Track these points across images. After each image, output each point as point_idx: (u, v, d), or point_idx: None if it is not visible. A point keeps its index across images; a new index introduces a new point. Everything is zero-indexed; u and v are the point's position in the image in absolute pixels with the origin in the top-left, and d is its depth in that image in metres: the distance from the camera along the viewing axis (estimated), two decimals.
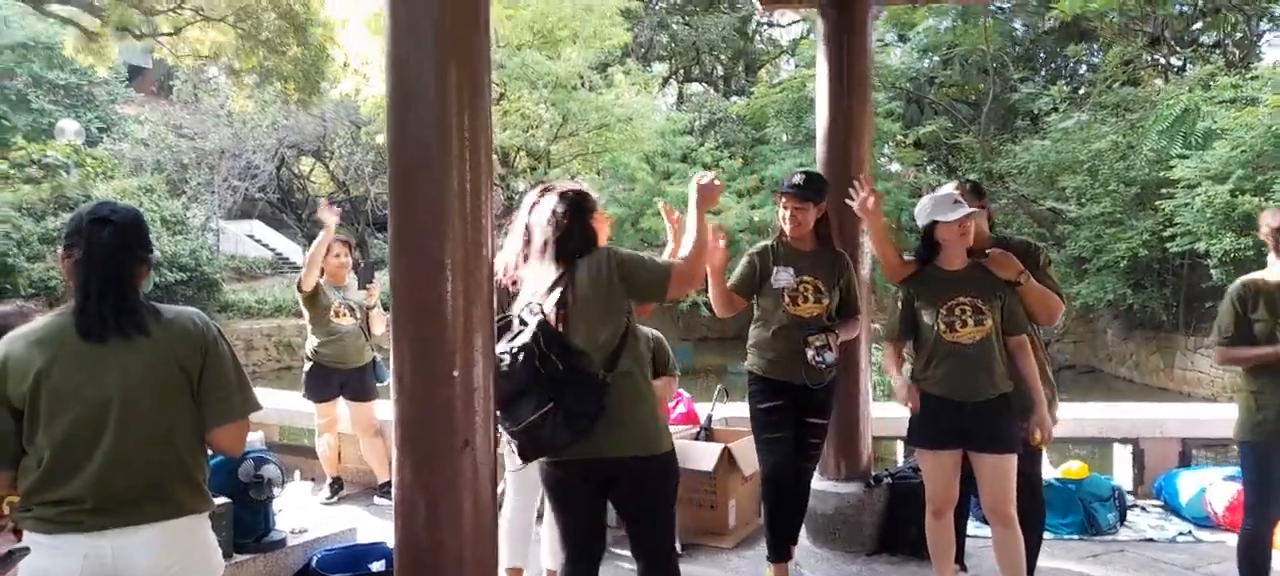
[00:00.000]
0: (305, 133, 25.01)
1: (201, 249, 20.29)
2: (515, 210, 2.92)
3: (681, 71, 30.26)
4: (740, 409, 5.65)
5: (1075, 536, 4.51)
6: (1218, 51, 19.46)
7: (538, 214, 2.70)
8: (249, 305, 20.33)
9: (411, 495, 2.48)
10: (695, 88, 29.74)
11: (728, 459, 4.49)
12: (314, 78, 15.05)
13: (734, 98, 26.64)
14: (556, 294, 2.60)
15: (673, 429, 4.61)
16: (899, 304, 3.39)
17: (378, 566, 3.33)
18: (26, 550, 1.86)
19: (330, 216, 4.91)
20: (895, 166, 21.70)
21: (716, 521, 4.52)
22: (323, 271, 5.18)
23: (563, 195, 2.70)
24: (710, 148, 20.59)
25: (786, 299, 3.61)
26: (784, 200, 3.66)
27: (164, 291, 16.46)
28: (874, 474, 4.43)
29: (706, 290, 3.48)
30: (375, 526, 4.49)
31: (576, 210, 2.67)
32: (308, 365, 5.20)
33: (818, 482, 4.43)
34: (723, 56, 29.51)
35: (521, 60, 14.27)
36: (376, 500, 5.16)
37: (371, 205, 26.31)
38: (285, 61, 14.87)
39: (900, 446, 5.23)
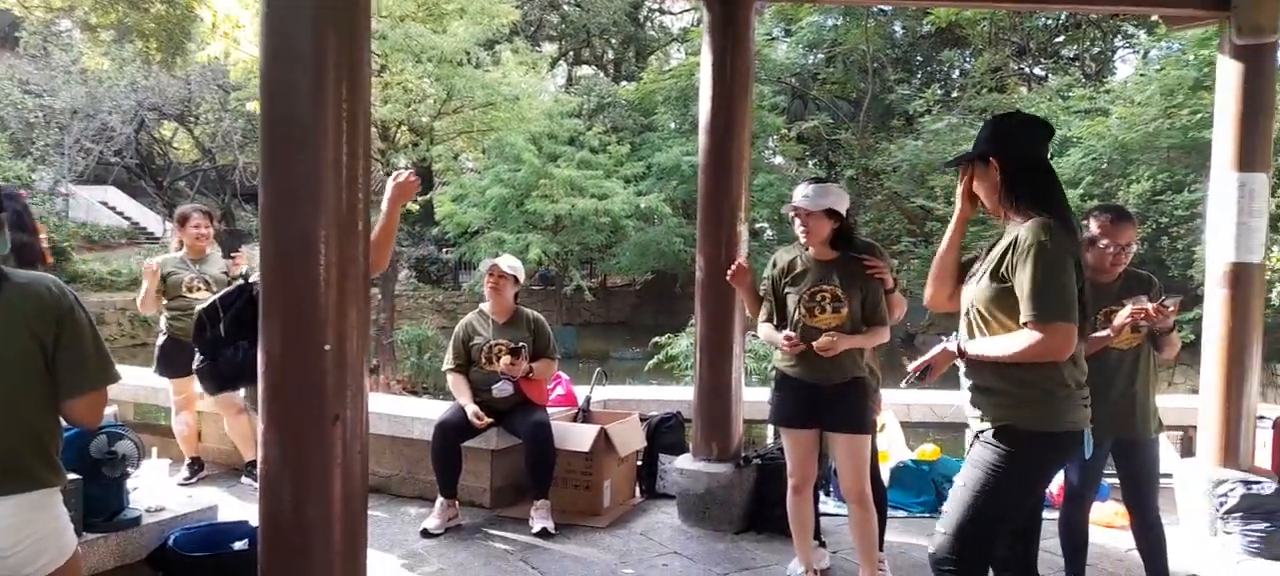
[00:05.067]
0: (168, 95, 23.68)
1: (48, 215, 18.98)
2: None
3: (571, 53, 30.11)
4: (617, 392, 5.75)
5: (927, 514, 4.79)
6: (1076, 64, 20.85)
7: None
8: (101, 277, 19.11)
9: (278, 471, 2.43)
10: (585, 71, 29.63)
11: (604, 440, 4.55)
12: (179, 38, 14.21)
13: (623, 82, 26.69)
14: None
15: (551, 410, 4.70)
16: (770, 286, 3.57)
17: (240, 545, 3.22)
18: None
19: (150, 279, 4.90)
20: (778, 159, 22.32)
21: (592, 501, 4.58)
22: (181, 244, 5.12)
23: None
24: (598, 131, 20.52)
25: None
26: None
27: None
28: (744, 454, 4.59)
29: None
30: (237, 506, 4.34)
31: None
32: (161, 339, 4.99)
33: (691, 463, 4.56)
34: (613, 40, 29.52)
35: (405, 32, 13.79)
36: (243, 480, 4.99)
37: (239, 175, 25.15)
38: (148, 19, 13.99)
39: (770, 429, 5.42)
